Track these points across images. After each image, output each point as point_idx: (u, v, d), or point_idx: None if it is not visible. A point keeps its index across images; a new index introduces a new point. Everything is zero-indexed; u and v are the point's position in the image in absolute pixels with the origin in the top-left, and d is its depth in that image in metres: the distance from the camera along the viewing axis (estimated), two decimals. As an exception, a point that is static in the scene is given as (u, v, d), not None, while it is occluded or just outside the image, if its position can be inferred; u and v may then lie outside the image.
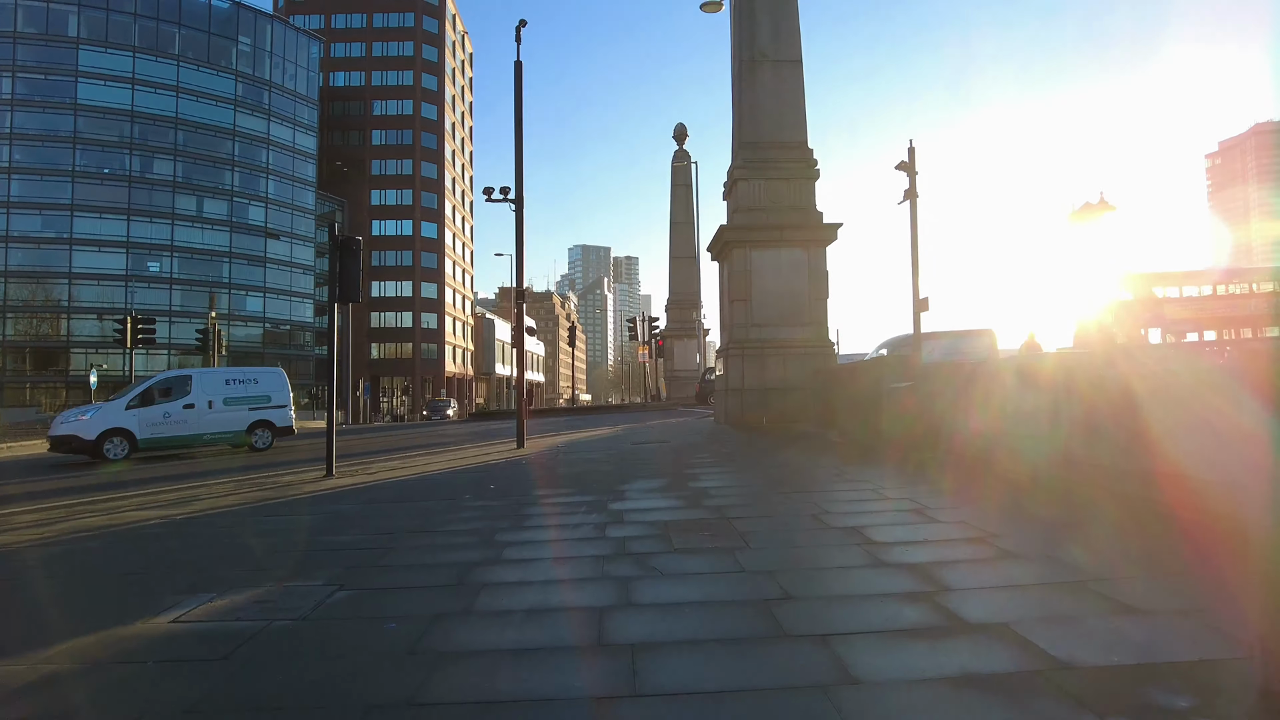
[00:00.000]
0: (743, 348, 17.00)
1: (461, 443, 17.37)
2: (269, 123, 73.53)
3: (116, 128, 65.49)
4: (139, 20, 66.26)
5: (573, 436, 17.07)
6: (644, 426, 19.99)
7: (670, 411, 30.78)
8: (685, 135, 43.19)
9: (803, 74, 18.31)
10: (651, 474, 9.52)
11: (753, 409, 16.80)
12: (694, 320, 40.56)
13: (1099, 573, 4.35)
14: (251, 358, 72.77)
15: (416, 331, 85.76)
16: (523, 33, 15.02)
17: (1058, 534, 5.40)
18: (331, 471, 11.14)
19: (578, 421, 26.14)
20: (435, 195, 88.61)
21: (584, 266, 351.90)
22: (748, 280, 17.25)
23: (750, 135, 17.96)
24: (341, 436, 24.66)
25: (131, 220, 65.70)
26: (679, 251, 42.18)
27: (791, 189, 17.75)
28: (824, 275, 17.46)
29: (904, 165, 24.86)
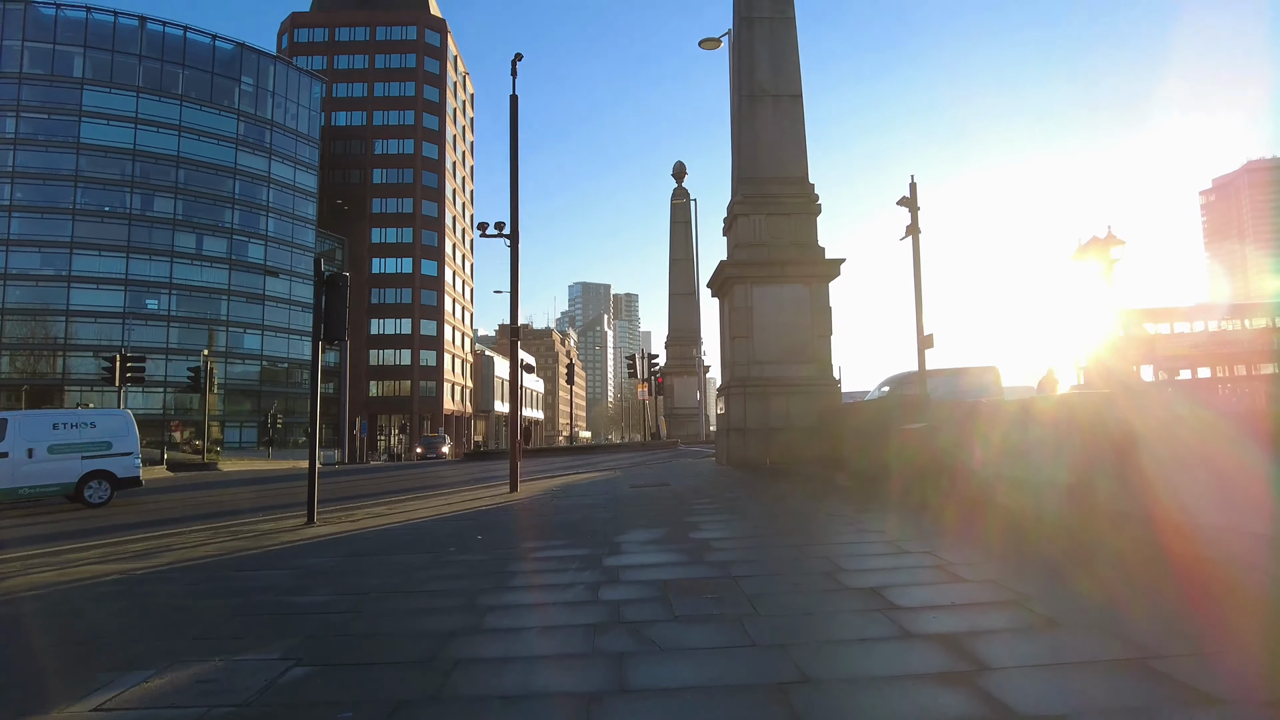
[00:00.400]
0: (745, 386, 16.51)
1: (453, 485, 16.79)
2: (270, 161, 73.93)
3: (118, 166, 65.79)
4: (143, 61, 66.96)
5: (569, 479, 16.49)
6: (644, 467, 19.41)
7: (671, 450, 30.21)
8: (684, 173, 43.25)
9: (803, 109, 18.11)
10: (650, 522, 8.96)
11: (756, 449, 16.26)
12: (694, 357, 40.13)
13: (1155, 647, 3.81)
14: (248, 395, 72.39)
15: (415, 369, 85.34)
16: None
17: (1096, 597, 4.85)
18: (313, 518, 10.57)
19: (575, 462, 25.54)
20: (435, 233, 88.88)
21: (584, 303, 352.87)
22: (749, 317, 16.83)
23: (750, 170, 17.69)
24: (333, 478, 24.09)
25: (131, 258, 65.63)
26: (678, 288, 41.93)
27: (793, 224, 17.43)
28: (827, 311, 17.04)
29: (905, 201, 24.61)
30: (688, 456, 24.01)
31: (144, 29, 67.54)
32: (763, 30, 18.16)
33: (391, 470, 29.97)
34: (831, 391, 16.78)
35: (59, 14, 65.51)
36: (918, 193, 24.81)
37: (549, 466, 22.46)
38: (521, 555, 7.27)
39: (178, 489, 20.16)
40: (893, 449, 11.83)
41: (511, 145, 14.19)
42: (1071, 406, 8.08)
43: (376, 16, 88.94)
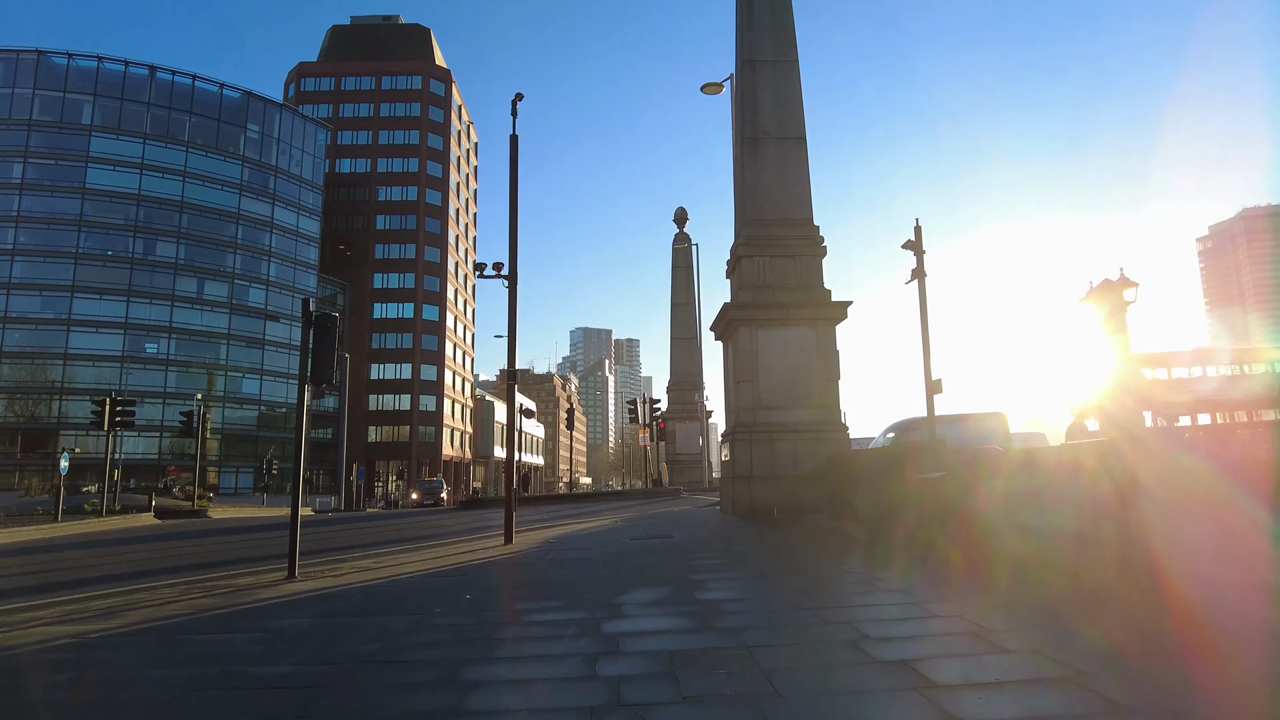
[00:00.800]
0: (750, 431, 15.94)
1: (446, 536, 16.11)
2: (273, 206, 74.43)
3: (122, 211, 66.18)
4: (151, 108, 67.87)
5: (567, 529, 15.81)
6: (645, 516, 18.72)
7: (673, 498, 29.45)
8: (686, 219, 43.25)
9: (806, 151, 17.90)
10: (653, 579, 8.33)
11: (762, 498, 15.62)
12: (696, 402, 39.53)
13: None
14: (246, 440, 71.64)
15: (414, 414, 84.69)
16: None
17: (1159, 673, 4.25)
18: (294, 573, 9.93)
19: (574, 510, 24.80)
20: (437, 278, 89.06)
21: (585, 349, 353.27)
22: (754, 360, 16.34)
23: (753, 213, 17.39)
24: (324, 527, 23.36)
25: (131, 301, 65.59)
26: (680, 333, 41.55)
27: (797, 266, 17.06)
28: (834, 355, 16.56)
29: (911, 244, 24.33)
30: (690, 504, 23.30)
31: (154, 78, 68.62)
32: (765, 72, 18.06)
33: (386, 519, 29.19)
34: (840, 437, 16.20)
35: (71, 63, 66.63)
36: (923, 236, 24.56)
37: (547, 515, 21.75)
38: (512, 619, 6.65)
39: (160, 538, 19.45)
40: (908, 499, 11.25)
41: (511, 185, 13.88)
42: (1077, 454, 7.97)
43: (382, 66, 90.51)
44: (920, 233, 23.85)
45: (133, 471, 64.70)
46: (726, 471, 17.47)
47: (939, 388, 23.12)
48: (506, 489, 12.93)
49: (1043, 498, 7.83)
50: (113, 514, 26.56)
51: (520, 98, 14.22)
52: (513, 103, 14.15)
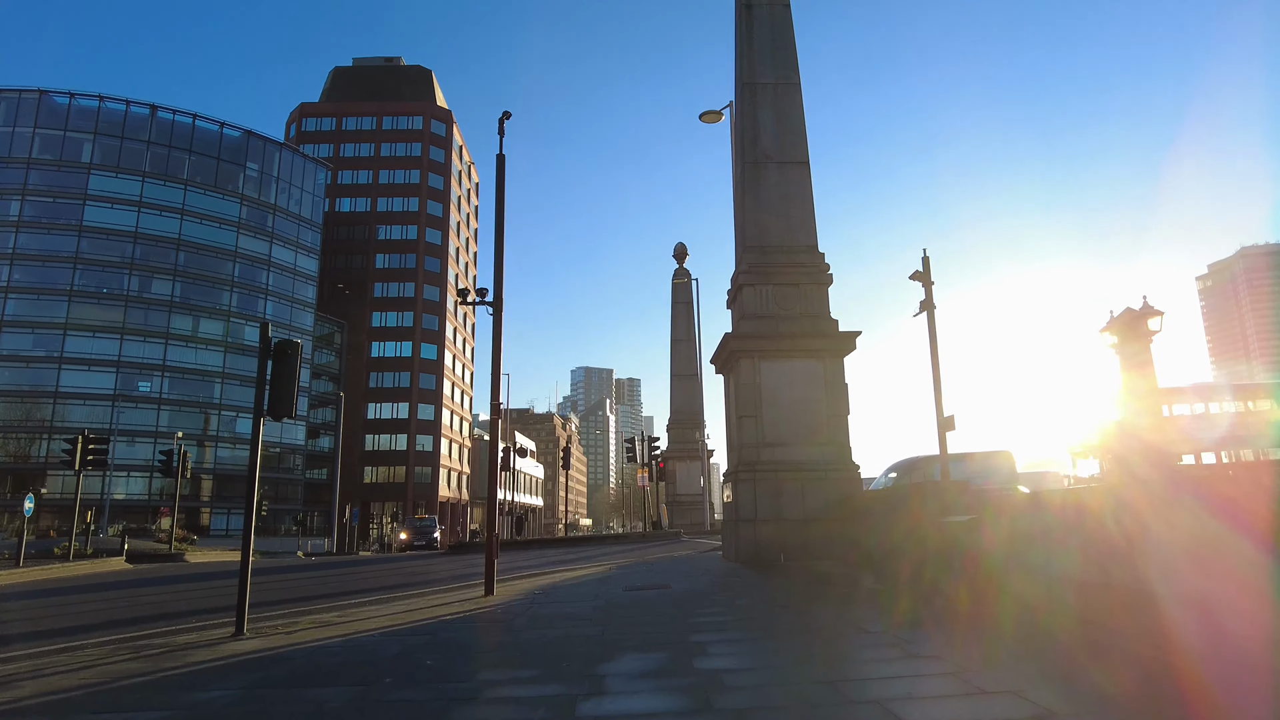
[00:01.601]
0: (754, 470, 14.84)
1: (427, 584, 14.92)
2: (271, 245, 74.15)
3: (119, 249, 65.84)
4: (151, 147, 67.94)
5: (557, 577, 14.62)
6: (642, 562, 17.52)
7: (672, 541, 28.13)
8: (685, 254, 42.57)
9: (810, 175, 17.11)
10: (645, 642, 7.21)
11: (767, 543, 14.46)
12: (697, 441, 38.36)
13: None
14: (237, 481, 70.07)
15: (411, 454, 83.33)
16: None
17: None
18: (242, 629, 8.80)
19: (569, 555, 23.53)
20: (436, 317, 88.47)
21: (586, 388, 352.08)
22: (757, 394, 15.32)
23: (755, 239, 16.53)
24: (304, 572, 22.10)
25: (125, 339, 64.82)
26: (680, 369, 40.55)
27: (802, 295, 16.13)
28: (843, 389, 15.54)
29: (919, 275, 23.46)
30: (691, 549, 22.06)
31: (154, 117, 68.84)
32: (766, 95, 17.36)
33: (373, 563, 27.87)
34: (851, 477, 15.10)
35: (72, 103, 66.88)
36: (930, 267, 23.70)
37: (538, 561, 20.52)
38: (474, 695, 5.54)
39: (123, 585, 18.23)
40: (929, 545, 10.16)
41: (497, 206, 13.04)
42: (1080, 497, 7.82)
43: (384, 107, 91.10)
44: (928, 264, 23.02)
45: (124, 513, 63.30)
46: (729, 514, 16.33)
47: (951, 425, 22.06)
48: (488, 533, 11.81)
49: (1086, 545, 6.86)
50: (83, 558, 25.28)
51: (508, 116, 13.48)
52: (500, 121, 13.41)
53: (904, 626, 7.45)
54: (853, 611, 8.64)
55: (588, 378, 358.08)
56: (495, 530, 12.00)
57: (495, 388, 12.44)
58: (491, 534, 11.91)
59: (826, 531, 14.38)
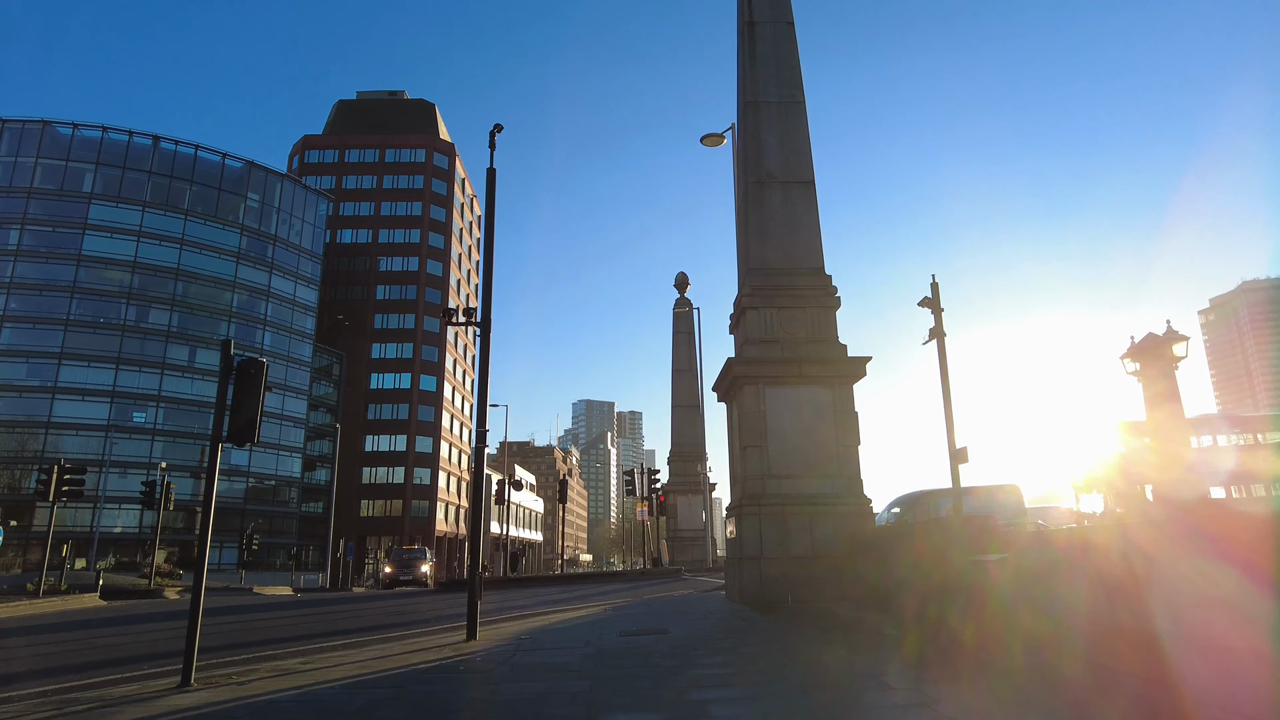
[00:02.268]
0: (759, 504, 13.94)
1: (407, 625, 13.94)
2: (270, 275, 73.82)
3: (117, 278, 65.52)
4: (153, 177, 67.93)
5: (549, 619, 13.64)
6: (640, 602, 16.51)
7: (673, 579, 27.02)
8: (687, 284, 41.97)
9: (815, 195, 16.46)
10: (638, 700, 6.29)
11: (774, 583, 13.50)
12: (698, 474, 37.37)
13: None
14: (231, 514, 68.74)
15: (408, 487, 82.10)
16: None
17: None
18: (189, 679, 7.88)
19: (564, 594, 22.46)
20: (436, 349, 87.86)
21: (588, 421, 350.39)
22: (762, 423, 14.47)
23: (759, 261, 15.81)
24: (286, 610, 21.02)
25: (120, 369, 64.11)
26: (681, 400, 39.69)
27: (808, 319, 15.36)
28: (853, 417, 14.69)
29: (928, 302, 22.71)
30: (692, 588, 21.01)
31: (157, 147, 68.98)
32: (770, 114, 16.79)
33: (361, 601, 26.75)
34: (863, 512, 14.20)
35: (75, 133, 67.03)
36: (939, 292, 22.97)
37: (531, 600, 19.48)
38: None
39: (88, 624, 17.23)
40: (953, 586, 9.24)
41: (487, 221, 12.37)
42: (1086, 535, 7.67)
43: (386, 140, 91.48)
44: (937, 289, 22.29)
45: (116, 546, 62.08)
46: (732, 551, 15.37)
47: (964, 457, 21.15)
48: (470, 571, 10.89)
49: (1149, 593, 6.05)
50: (55, 594, 24.23)
51: (499, 129, 12.87)
52: (491, 135, 12.78)
53: (930, 681, 6.53)
54: (871, 662, 7.71)
55: (589, 410, 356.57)
56: (481, 568, 11.08)
57: (481, 413, 11.62)
58: (475, 573, 10.99)
59: (837, 569, 13.46)
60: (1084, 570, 6.56)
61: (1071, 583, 6.66)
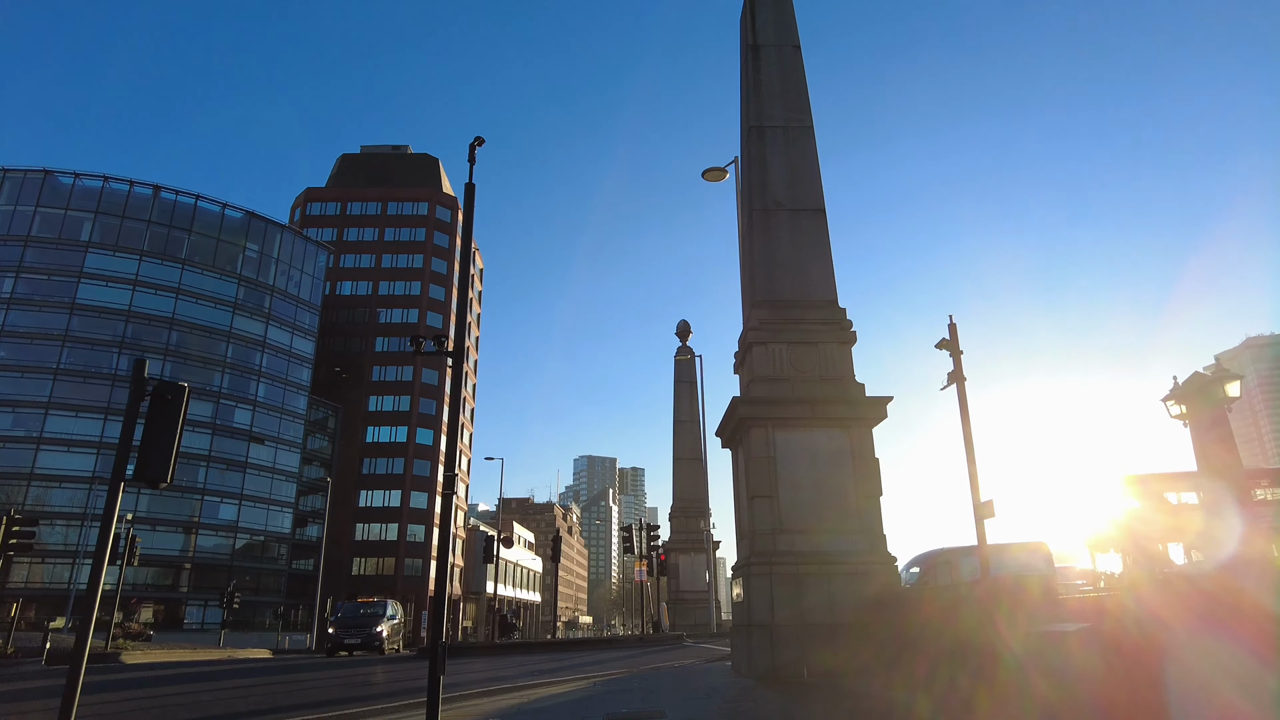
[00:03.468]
0: (770, 562, 12.29)
1: (362, 700, 12.13)
2: (267, 326, 72.83)
3: (111, 327, 64.45)
4: (151, 226, 67.52)
5: (529, 695, 11.86)
6: (636, 674, 14.67)
7: (674, 647, 24.97)
8: (689, 332, 40.72)
9: (826, 224, 15.22)
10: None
11: (788, 653, 11.77)
12: (701, 531, 35.44)
13: None
14: (218, 571, 66.31)
15: (402, 545, 79.58)
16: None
17: None
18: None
19: (552, 663, 20.49)
20: (434, 401, 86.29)
21: (589, 477, 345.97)
22: (772, 470, 12.92)
23: (766, 293, 14.48)
24: (244, 678, 19.05)
25: (108, 420, 62.51)
26: (683, 452, 38.02)
27: (821, 355, 13.94)
28: (873, 464, 13.15)
29: (946, 344, 21.32)
30: (694, 656, 19.09)
31: (157, 197, 68.76)
32: (776, 139, 15.68)
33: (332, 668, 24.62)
34: (887, 572, 12.56)
35: (76, 183, 66.93)
36: (957, 333, 21.61)
37: (515, 671, 17.57)
38: None
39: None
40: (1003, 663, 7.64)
41: (464, 238, 11.09)
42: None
43: (389, 193, 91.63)
44: (955, 330, 20.88)
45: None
46: (739, 616, 13.62)
47: (990, 511, 19.45)
48: (432, 637, 9.22)
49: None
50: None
51: (480, 142, 11.69)
52: (471, 148, 11.60)
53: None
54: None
55: (590, 466, 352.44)
56: (443, 633, 9.40)
57: (450, 455, 10.08)
58: (437, 643, 9.30)
59: (860, 639, 11.75)
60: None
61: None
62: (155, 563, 63.35)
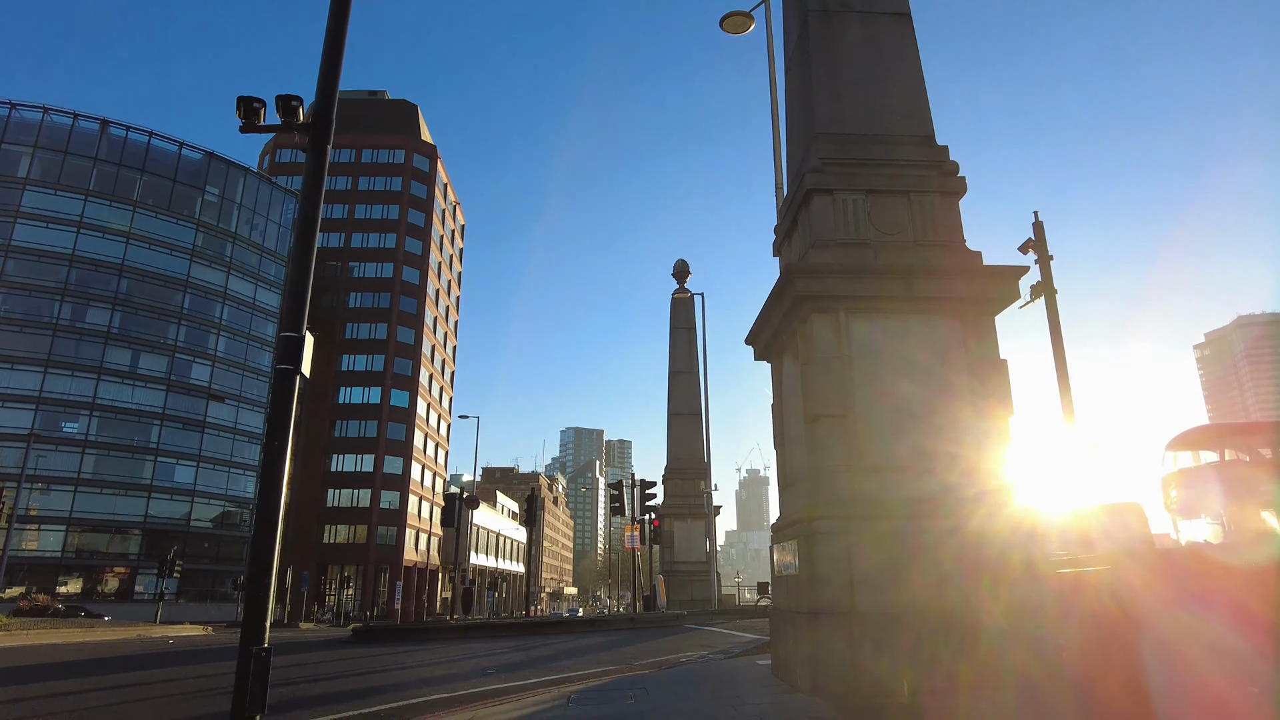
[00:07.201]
0: (847, 515, 7.75)
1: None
2: (228, 276, 67.47)
3: (52, 272, 58.89)
4: (98, 164, 61.70)
5: (473, 718, 7.29)
6: (628, 676, 10.18)
7: (673, 630, 20.53)
8: (687, 272, 35.90)
9: (914, 33, 10.49)
10: None
11: (874, 658, 7.28)
12: (701, 494, 30.97)
13: None
14: (173, 538, 61.39)
15: (374, 512, 74.96)
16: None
17: None
18: None
19: (519, 652, 15.97)
20: (410, 361, 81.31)
21: (576, 449, 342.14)
22: (846, 377, 8.34)
23: (831, 122, 9.79)
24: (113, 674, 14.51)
25: (49, 373, 57.27)
26: (680, 407, 33.47)
27: (916, 210, 9.31)
28: (999, 369, 8.58)
29: (1031, 245, 16.72)
30: (703, 644, 14.64)
31: (105, 133, 62.86)
32: (839, -82, 10.84)
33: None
34: (1024, 528, 8.00)
35: (12, 114, 60.94)
36: (1044, 232, 17.12)
37: (463, 669, 13.05)
38: None
39: None
40: None
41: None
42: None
43: (363, 139, 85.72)
44: (1041, 229, 16.31)
45: (31, 572, 54.73)
46: (789, 597, 9.02)
47: (1096, 454, 15.02)
48: (244, 645, 4.56)
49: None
50: None
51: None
52: None
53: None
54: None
55: (577, 438, 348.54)
56: (267, 614, 4.76)
57: (297, 309, 5.43)
58: (252, 650, 4.65)
59: (992, 634, 7.30)
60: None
61: None
62: (102, 528, 58.59)
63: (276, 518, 5.31)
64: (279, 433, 5.55)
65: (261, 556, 5.07)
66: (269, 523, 5.22)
